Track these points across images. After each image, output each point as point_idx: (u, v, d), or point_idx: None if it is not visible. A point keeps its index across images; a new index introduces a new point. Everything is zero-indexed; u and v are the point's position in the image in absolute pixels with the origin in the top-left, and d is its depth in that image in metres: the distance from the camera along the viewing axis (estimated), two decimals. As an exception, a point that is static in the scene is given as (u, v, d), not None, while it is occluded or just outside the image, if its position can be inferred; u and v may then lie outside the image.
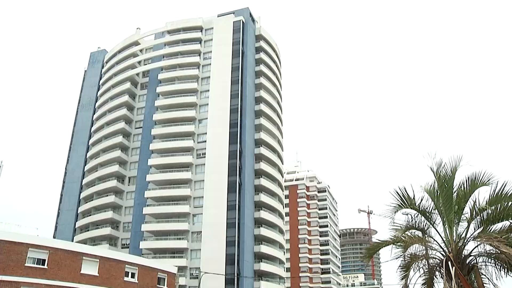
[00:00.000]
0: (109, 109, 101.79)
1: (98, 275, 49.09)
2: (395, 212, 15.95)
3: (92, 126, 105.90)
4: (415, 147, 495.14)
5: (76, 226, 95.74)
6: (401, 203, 15.74)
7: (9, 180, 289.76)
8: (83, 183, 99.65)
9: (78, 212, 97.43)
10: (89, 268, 48.66)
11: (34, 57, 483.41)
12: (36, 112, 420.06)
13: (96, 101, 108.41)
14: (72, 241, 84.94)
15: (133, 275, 53.68)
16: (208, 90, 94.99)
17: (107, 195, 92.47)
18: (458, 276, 13.94)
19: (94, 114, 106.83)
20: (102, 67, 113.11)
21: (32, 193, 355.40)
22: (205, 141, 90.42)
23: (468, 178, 15.29)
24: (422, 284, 16.68)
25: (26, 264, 43.40)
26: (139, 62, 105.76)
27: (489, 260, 15.17)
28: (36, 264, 44.39)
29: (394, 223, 16.12)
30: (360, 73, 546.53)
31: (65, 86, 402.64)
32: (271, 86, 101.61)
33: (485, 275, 15.08)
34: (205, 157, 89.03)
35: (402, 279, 15.90)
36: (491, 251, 14.64)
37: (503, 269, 14.82)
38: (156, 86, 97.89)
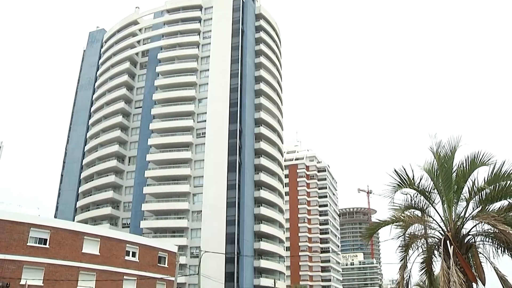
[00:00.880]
0: (108, 89, 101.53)
1: (99, 254, 49.43)
2: (394, 192, 16.01)
3: (91, 106, 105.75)
4: (415, 126, 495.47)
5: (76, 206, 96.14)
6: (400, 183, 15.79)
7: (10, 161, 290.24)
8: (83, 163, 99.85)
9: (79, 192, 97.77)
10: (90, 247, 48.98)
11: (32, 37, 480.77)
12: (36, 93, 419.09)
13: (96, 81, 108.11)
14: (73, 221, 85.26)
15: (134, 254, 54.02)
16: (208, 70, 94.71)
17: (108, 175, 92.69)
18: (456, 255, 14.07)
19: (93, 94, 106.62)
20: (101, 47, 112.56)
21: (32, 173, 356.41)
22: (205, 121, 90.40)
23: (468, 157, 15.32)
24: (421, 263, 16.83)
25: (28, 244, 43.72)
26: (138, 42, 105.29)
27: (487, 239, 15.27)
28: (38, 243, 44.70)
29: (393, 203, 16.20)
30: (360, 53, 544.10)
31: (64, 66, 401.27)
32: (271, 65, 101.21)
33: (482, 254, 15.20)
34: (205, 136, 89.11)
35: (401, 259, 16.03)
36: (489, 230, 14.74)
37: (500, 248, 14.93)
38: (156, 65, 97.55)
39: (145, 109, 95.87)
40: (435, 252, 16.06)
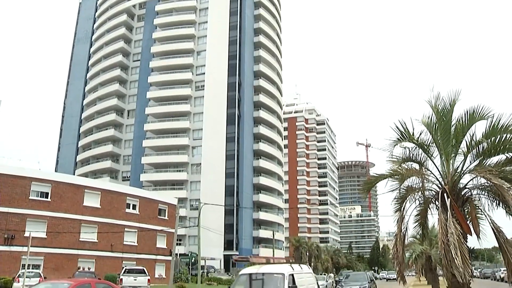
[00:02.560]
0: (106, 42, 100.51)
1: (100, 207, 50.02)
2: (394, 146, 16.10)
3: (89, 59, 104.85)
4: (415, 79, 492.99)
5: (76, 160, 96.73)
6: (400, 137, 15.85)
7: (8, 116, 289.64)
8: (82, 117, 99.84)
9: (78, 146, 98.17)
10: (91, 201, 49.52)
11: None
12: (32, 46, 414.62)
13: (93, 34, 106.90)
14: (73, 174, 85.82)
15: (134, 207, 54.66)
16: (206, 22, 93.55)
17: (107, 129, 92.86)
18: (452, 207, 14.27)
19: (91, 47, 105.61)
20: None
21: (31, 128, 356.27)
22: (204, 73, 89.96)
23: (467, 112, 15.31)
24: (416, 215, 17.09)
25: (30, 197, 44.21)
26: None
27: (483, 192, 15.45)
28: (40, 197, 45.20)
29: (392, 155, 16.30)
30: (361, 4, 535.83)
31: (60, 19, 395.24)
32: (271, 18, 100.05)
33: (478, 207, 15.41)
34: (203, 89, 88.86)
35: (396, 211, 16.26)
36: (486, 183, 14.90)
37: (495, 201, 15.13)
38: (153, 18, 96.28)
39: (143, 62, 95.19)
40: (431, 204, 16.28)
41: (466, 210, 15.51)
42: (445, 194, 14.70)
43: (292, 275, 14.98)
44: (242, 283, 15.41)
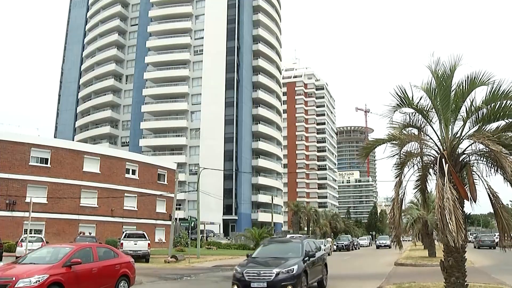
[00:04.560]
0: (102, 6, 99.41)
1: (99, 172, 50.26)
2: (394, 112, 16.05)
3: (86, 24, 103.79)
4: (415, 45, 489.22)
5: (75, 126, 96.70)
6: (400, 102, 15.78)
7: (6, 82, 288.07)
8: (80, 83, 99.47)
9: (77, 112, 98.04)
10: (91, 166, 49.73)
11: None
12: (28, 10, 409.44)
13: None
14: (73, 140, 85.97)
15: (133, 172, 54.93)
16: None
17: (105, 94, 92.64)
18: (450, 173, 14.34)
19: (87, 12, 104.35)
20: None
21: (30, 94, 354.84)
22: (202, 38, 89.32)
23: (467, 77, 15.23)
24: (416, 181, 17.16)
25: (30, 163, 44.41)
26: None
27: (481, 158, 15.49)
28: (40, 163, 45.39)
29: (392, 121, 16.26)
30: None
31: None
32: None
33: (476, 173, 15.47)
34: (202, 53, 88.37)
35: (397, 177, 16.29)
36: (484, 149, 14.94)
37: (493, 167, 15.20)
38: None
39: (141, 27, 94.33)
40: (430, 170, 16.33)
41: (464, 176, 15.59)
42: (443, 160, 14.74)
43: None
44: None
